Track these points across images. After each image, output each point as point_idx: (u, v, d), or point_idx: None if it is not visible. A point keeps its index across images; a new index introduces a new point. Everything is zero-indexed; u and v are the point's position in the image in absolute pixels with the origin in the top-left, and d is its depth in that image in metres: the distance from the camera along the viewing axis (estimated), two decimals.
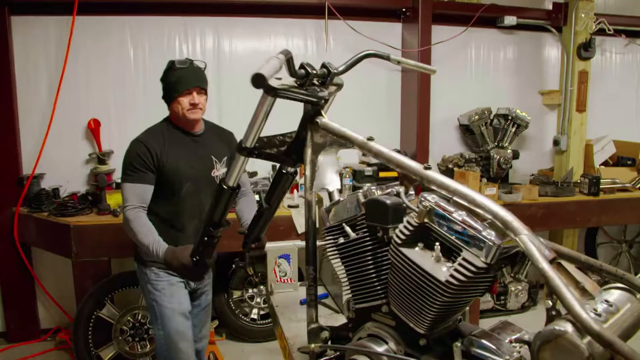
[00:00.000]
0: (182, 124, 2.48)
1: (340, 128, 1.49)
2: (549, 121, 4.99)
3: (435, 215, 1.25)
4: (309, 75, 1.48)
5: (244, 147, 1.59)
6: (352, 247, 1.46)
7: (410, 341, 1.37)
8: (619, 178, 4.57)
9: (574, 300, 0.98)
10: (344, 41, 4.24)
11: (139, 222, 2.29)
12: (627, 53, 5.19)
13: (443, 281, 1.20)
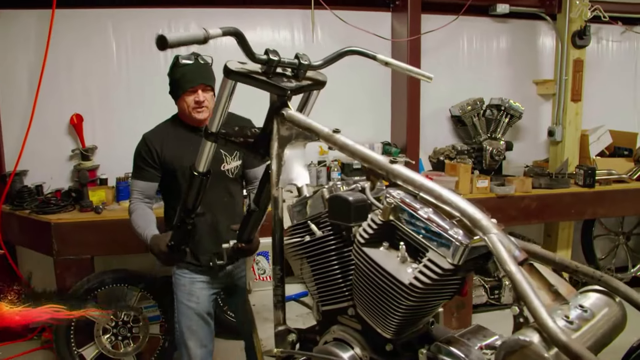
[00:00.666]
0: (189, 120, 2.44)
1: (306, 120, 1.42)
2: (544, 111, 4.90)
3: (402, 212, 1.17)
4: (271, 61, 1.41)
5: (209, 133, 1.60)
6: (315, 247, 1.38)
7: (377, 346, 1.30)
8: (616, 169, 4.48)
9: (541, 307, 0.90)
10: (332, 32, 4.15)
11: (137, 214, 2.36)
12: (624, 41, 5.08)
13: (406, 284, 1.12)
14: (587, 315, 1.06)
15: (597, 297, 1.14)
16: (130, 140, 3.88)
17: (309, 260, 1.41)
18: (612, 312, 1.12)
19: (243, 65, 1.44)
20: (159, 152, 2.38)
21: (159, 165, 2.40)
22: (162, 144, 2.40)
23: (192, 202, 1.87)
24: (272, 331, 1.93)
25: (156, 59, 3.92)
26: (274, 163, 1.49)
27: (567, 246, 4.64)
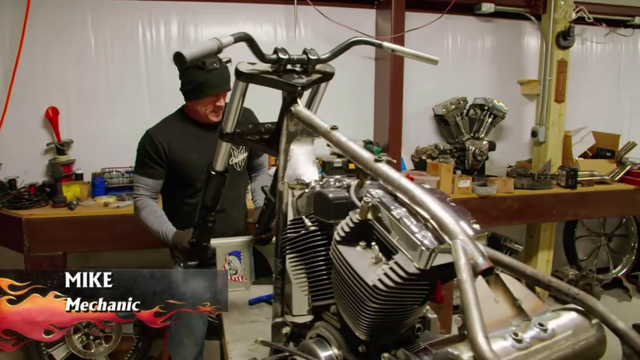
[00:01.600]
0: (198, 118, 2.43)
1: (310, 115, 1.45)
2: (528, 111, 4.89)
3: (379, 212, 1.14)
4: (280, 60, 1.45)
5: (225, 133, 1.68)
6: (304, 242, 1.38)
7: (351, 347, 1.27)
8: (598, 170, 4.48)
9: (477, 321, 0.84)
10: (315, 28, 4.10)
11: (147, 210, 2.37)
12: (608, 42, 5.08)
13: (370, 285, 1.09)
14: (546, 335, 0.99)
15: (570, 317, 1.06)
16: (107, 134, 3.85)
17: (300, 255, 1.41)
18: (582, 335, 1.03)
19: (254, 66, 1.48)
20: (166, 149, 2.37)
21: (165, 162, 2.38)
22: (169, 139, 2.38)
23: (211, 200, 1.94)
24: (241, 333, 1.92)
25: (136, 53, 3.85)
26: (281, 158, 1.54)
27: (549, 247, 4.63)
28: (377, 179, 1.21)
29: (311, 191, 1.40)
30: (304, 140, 1.54)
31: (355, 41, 1.67)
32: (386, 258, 1.12)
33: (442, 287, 1.20)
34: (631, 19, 4.86)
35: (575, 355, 1.00)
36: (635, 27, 4.99)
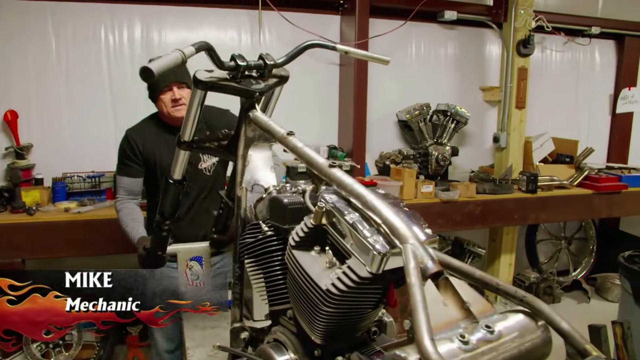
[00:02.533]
0: (169, 120, 2.46)
1: (267, 121, 1.48)
2: (490, 117, 4.98)
3: (333, 217, 1.17)
4: (238, 67, 1.47)
5: (183, 142, 1.69)
6: (260, 247, 1.39)
7: (307, 351, 1.29)
8: (558, 175, 4.59)
9: (423, 323, 0.87)
10: (280, 33, 4.11)
11: (124, 212, 2.40)
12: (567, 51, 5.23)
13: (323, 289, 1.11)
14: (492, 337, 1.02)
15: (517, 319, 1.09)
16: (68, 139, 3.79)
17: (257, 260, 1.42)
18: (527, 337, 1.06)
19: (212, 74, 1.50)
20: (141, 148, 2.42)
21: (141, 160, 2.43)
22: (144, 139, 2.43)
23: (168, 208, 1.94)
24: (202, 339, 1.91)
25: (98, 56, 3.79)
26: (239, 163, 1.56)
27: (512, 250, 4.73)
28: (332, 184, 1.23)
29: (268, 196, 1.41)
30: (261, 146, 1.57)
31: (310, 44, 1.71)
32: (340, 263, 1.14)
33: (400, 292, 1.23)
34: (588, 29, 5.00)
35: (521, 356, 1.03)
36: (592, 37, 5.14)
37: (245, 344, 1.55)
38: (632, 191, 4.68)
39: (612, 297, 4.99)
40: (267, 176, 1.55)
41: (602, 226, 5.49)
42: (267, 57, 1.53)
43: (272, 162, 1.60)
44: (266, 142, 1.57)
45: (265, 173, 1.55)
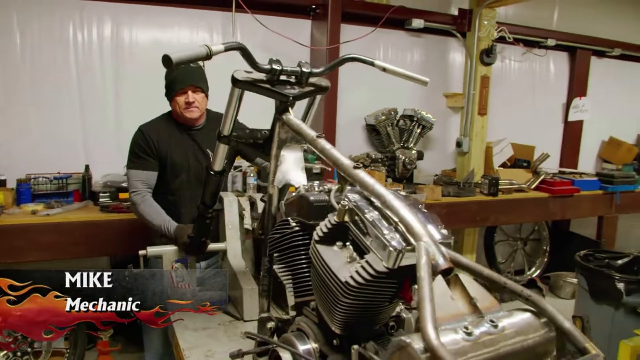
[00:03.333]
0: (182, 120, 2.56)
1: (299, 124, 1.54)
2: (453, 123, 5.15)
3: (354, 215, 1.23)
4: (273, 70, 1.54)
5: (223, 136, 1.78)
6: (286, 242, 1.46)
7: (327, 340, 1.36)
8: (516, 179, 4.80)
9: (427, 312, 0.93)
10: (252, 36, 4.11)
11: (146, 204, 2.45)
12: (524, 61, 5.47)
13: (342, 282, 1.18)
14: (495, 330, 1.06)
15: (522, 316, 1.14)
16: (34, 139, 3.67)
17: (283, 254, 1.49)
18: (531, 334, 1.11)
19: (249, 75, 1.56)
20: (156, 144, 2.50)
21: (156, 155, 2.50)
22: (158, 136, 2.51)
23: (208, 198, 2.04)
24: (195, 340, 1.91)
25: (66, 54, 3.69)
26: (272, 163, 1.63)
27: (472, 251, 4.90)
28: (355, 184, 1.29)
29: (297, 195, 1.47)
30: (293, 147, 1.63)
31: (349, 58, 1.77)
32: (360, 258, 1.21)
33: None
34: (544, 40, 5.26)
35: (524, 351, 1.08)
36: (548, 48, 5.40)
37: (271, 333, 1.61)
38: (583, 194, 4.96)
39: (564, 295, 5.24)
40: (297, 176, 1.61)
41: (555, 227, 5.76)
42: (304, 65, 1.60)
43: (303, 163, 1.66)
44: (298, 144, 1.63)
45: (296, 173, 1.62)
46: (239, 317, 2.14)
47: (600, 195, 5.10)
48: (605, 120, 6.04)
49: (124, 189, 3.43)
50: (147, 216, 2.43)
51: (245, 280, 2.17)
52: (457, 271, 1.19)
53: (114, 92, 3.79)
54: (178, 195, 2.58)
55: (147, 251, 2.28)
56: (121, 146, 3.82)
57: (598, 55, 5.84)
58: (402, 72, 1.86)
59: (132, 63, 3.82)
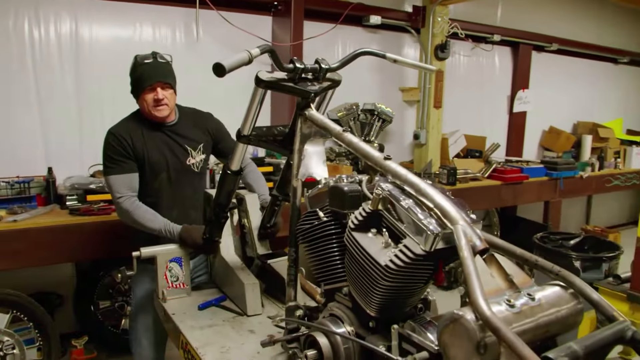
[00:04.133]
0: (151, 117, 2.42)
1: (323, 119, 1.59)
2: (409, 116, 5.31)
3: (388, 202, 1.29)
4: (296, 69, 1.59)
5: (243, 135, 1.81)
6: (318, 231, 1.50)
7: (362, 322, 1.41)
8: (470, 168, 5.02)
9: (476, 287, 1.00)
10: (215, 32, 4.08)
11: (140, 210, 2.33)
12: (473, 56, 5.72)
13: (382, 265, 1.24)
14: (534, 303, 1.15)
15: (553, 290, 1.23)
16: None
17: (314, 243, 1.53)
18: (563, 305, 1.20)
19: (272, 75, 1.62)
20: (131, 145, 2.36)
21: (133, 157, 2.37)
22: (131, 135, 2.38)
23: (224, 197, 2.04)
24: (206, 338, 1.91)
25: (21, 52, 3.51)
26: (295, 157, 1.65)
27: None
28: (386, 174, 1.35)
29: (324, 187, 1.51)
30: (316, 141, 1.67)
31: (362, 52, 1.83)
32: (394, 243, 1.28)
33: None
34: (491, 36, 5.52)
35: (558, 322, 1.18)
36: (494, 44, 5.67)
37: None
38: (531, 181, 5.26)
39: None
40: (320, 169, 1.65)
41: (503, 213, 6.05)
42: (323, 61, 1.66)
43: (325, 157, 1.70)
44: (321, 138, 1.67)
45: (318, 167, 1.65)
46: (241, 313, 2.14)
47: (545, 181, 5.42)
48: (546, 111, 6.41)
49: (92, 191, 3.34)
50: (144, 221, 2.32)
51: (245, 276, 2.18)
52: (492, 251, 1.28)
53: (75, 92, 3.65)
54: (158, 195, 2.46)
55: (141, 252, 2.24)
56: (84, 147, 3.72)
57: (538, 50, 6.19)
58: (411, 63, 1.97)
59: (93, 61, 3.70)
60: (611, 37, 6.98)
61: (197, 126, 2.55)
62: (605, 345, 1.10)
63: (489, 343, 0.99)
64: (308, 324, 1.53)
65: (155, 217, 2.34)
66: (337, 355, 1.40)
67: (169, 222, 2.33)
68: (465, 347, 1.01)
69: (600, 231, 6.23)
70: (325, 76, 1.68)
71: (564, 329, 1.21)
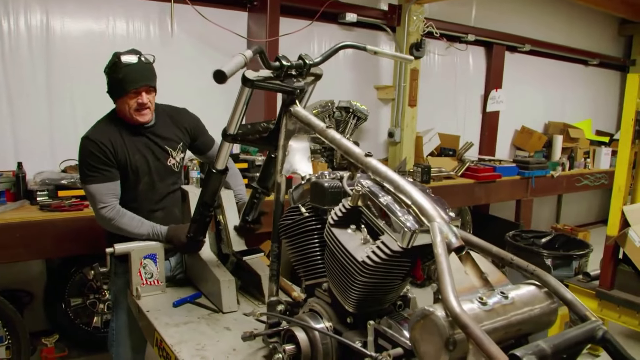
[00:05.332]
0: (131, 121, 2.31)
1: (307, 116, 1.60)
2: (383, 114, 5.34)
3: (367, 199, 1.31)
4: (283, 67, 1.61)
5: (229, 134, 1.82)
6: (299, 227, 1.53)
7: (341, 318, 1.44)
8: (444, 167, 5.08)
9: (448, 284, 1.02)
10: (189, 27, 4.03)
11: (125, 218, 2.26)
12: (447, 55, 5.77)
13: (360, 261, 1.26)
14: (507, 301, 1.17)
15: (528, 289, 1.25)
16: None
17: (295, 238, 1.55)
18: (537, 305, 1.21)
19: (258, 74, 1.62)
20: (112, 151, 2.26)
21: (115, 164, 2.27)
22: (113, 142, 2.27)
23: (209, 196, 2.04)
24: (180, 335, 1.90)
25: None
26: (279, 153, 1.67)
27: None
28: (367, 171, 1.35)
29: (307, 183, 1.50)
30: (300, 138, 1.69)
31: (343, 45, 1.85)
32: (373, 239, 1.30)
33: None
34: (465, 35, 5.59)
35: (531, 320, 1.19)
36: (468, 43, 5.74)
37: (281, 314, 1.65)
38: (504, 180, 5.34)
39: None
40: (304, 165, 1.68)
41: (476, 212, 6.13)
42: (306, 57, 1.67)
43: (309, 153, 1.72)
44: (305, 135, 1.69)
45: (302, 163, 1.68)
46: (216, 310, 2.13)
47: (517, 180, 5.52)
48: (518, 110, 6.53)
49: (63, 187, 3.27)
50: (130, 228, 2.25)
51: (221, 272, 2.17)
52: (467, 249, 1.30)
53: (46, 86, 3.57)
54: (141, 199, 2.39)
55: (115, 249, 2.20)
56: (55, 142, 3.64)
57: (511, 50, 6.29)
58: (391, 53, 2.04)
59: (64, 55, 3.62)
60: (582, 39, 7.14)
61: (175, 124, 2.49)
62: (575, 344, 1.11)
63: (458, 340, 1.00)
64: (287, 318, 1.54)
65: (141, 223, 2.28)
66: (315, 350, 1.42)
67: (155, 225, 2.28)
68: (435, 343, 1.02)
69: (570, 230, 6.37)
70: (309, 71, 1.69)
71: (538, 327, 1.22)
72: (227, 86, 4.32)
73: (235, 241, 2.32)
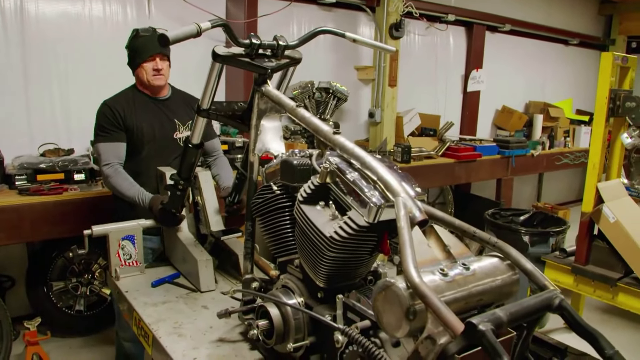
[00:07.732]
0: (148, 89, 2.62)
1: (278, 95, 1.63)
2: (363, 95, 5.35)
3: (335, 176, 1.33)
4: (253, 45, 1.62)
5: (202, 110, 1.87)
6: (271, 204, 1.56)
7: (312, 293, 1.47)
8: (425, 147, 5.11)
9: (409, 255, 1.05)
10: (167, 9, 4.01)
11: (120, 177, 2.47)
12: (427, 35, 5.78)
13: (327, 237, 1.29)
14: (468, 272, 1.18)
15: (490, 261, 1.27)
16: None
17: (267, 216, 1.58)
18: (498, 276, 1.23)
19: (229, 50, 1.65)
20: (122, 116, 2.52)
21: (123, 127, 2.52)
22: (125, 108, 2.54)
23: (186, 170, 2.10)
24: (158, 314, 1.92)
25: None
26: (252, 133, 1.70)
27: None
28: (335, 148, 1.38)
29: (278, 162, 1.53)
30: (272, 117, 1.71)
31: (321, 30, 1.86)
32: (341, 215, 1.32)
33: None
34: (445, 15, 5.59)
35: (492, 291, 1.21)
36: (448, 23, 5.74)
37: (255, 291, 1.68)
38: (484, 159, 5.40)
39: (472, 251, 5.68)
40: (277, 144, 1.70)
41: (457, 191, 6.20)
42: (281, 38, 1.69)
43: (282, 132, 1.74)
44: (277, 114, 1.72)
45: (275, 142, 1.70)
46: (195, 289, 2.16)
47: (498, 159, 5.58)
48: (499, 90, 6.57)
49: (42, 171, 3.26)
50: (120, 188, 2.45)
51: (198, 252, 2.19)
52: (431, 223, 1.33)
53: (22, 69, 3.53)
54: (143, 165, 2.59)
55: (93, 230, 2.22)
56: (33, 126, 3.61)
57: (491, 30, 6.30)
58: (370, 43, 2.00)
59: (40, 37, 3.58)
60: (562, 19, 7.17)
61: (188, 105, 2.71)
62: (532, 312, 1.13)
63: (418, 310, 1.02)
64: (260, 295, 1.56)
65: (132, 185, 2.44)
66: (287, 324, 1.45)
67: (143, 191, 2.42)
68: (396, 313, 1.05)
69: (551, 208, 6.46)
70: (283, 53, 1.70)
71: (499, 298, 1.24)
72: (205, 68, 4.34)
73: (213, 221, 2.34)
